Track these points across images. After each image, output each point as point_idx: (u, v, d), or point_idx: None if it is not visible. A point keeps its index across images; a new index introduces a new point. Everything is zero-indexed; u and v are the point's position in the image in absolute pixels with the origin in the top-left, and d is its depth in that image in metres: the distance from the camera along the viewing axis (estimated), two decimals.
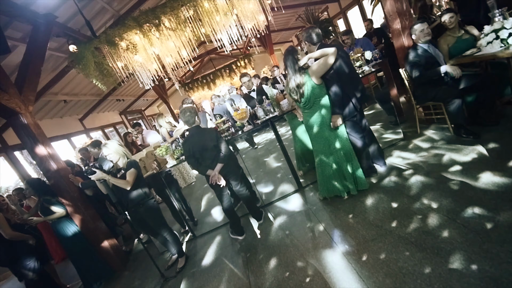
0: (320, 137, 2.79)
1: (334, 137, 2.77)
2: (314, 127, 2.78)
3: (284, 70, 3.60)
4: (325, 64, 2.55)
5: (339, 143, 2.78)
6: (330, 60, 2.51)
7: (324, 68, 2.57)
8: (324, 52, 2.52)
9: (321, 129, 2.76)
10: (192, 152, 2.89)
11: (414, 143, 3.42)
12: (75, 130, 8.67)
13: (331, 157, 2.83)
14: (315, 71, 2.59)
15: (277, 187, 3.92)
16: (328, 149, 2.81)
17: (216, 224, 3.73)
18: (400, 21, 3.45)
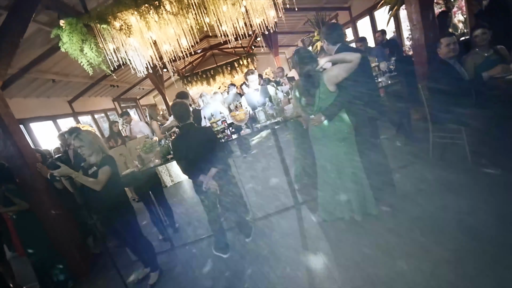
0: (328, 151, 2.39)
1: (343, 152, 2.37)
2: (322, 139, 2.38)
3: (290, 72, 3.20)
4: (345, 72, 2.15)
5: (349, 159, 2.39)
6: (351, 68, 2.12)
7: (343, 76, 2.19)
8: (346, 58, 2.11)
9: (329, 142, 2.36)
10: (185, 153, 2.45)
11: (426, 167, 3.06)
12: (62, 112, 8.10)
13: (337, 175, 2.43)
14: (332, 77, 2.19)
15: (271, 200, 3.50)
16: (335, 166, 2.41)
17: (199, 234, 3.29)
18: (425, 33, 3.08)
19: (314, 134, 2.41)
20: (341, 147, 2.36)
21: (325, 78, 2.20)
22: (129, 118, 5.06)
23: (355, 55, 2.10)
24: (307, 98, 2.21)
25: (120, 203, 2.47)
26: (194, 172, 2.48)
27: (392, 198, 2.70)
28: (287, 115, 3.00)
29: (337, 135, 2.33)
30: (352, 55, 2.10)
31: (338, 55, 2.15)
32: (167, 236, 3.19)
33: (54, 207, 3.09)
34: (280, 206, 3.25)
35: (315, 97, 2.21)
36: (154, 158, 3.10)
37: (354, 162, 2.41)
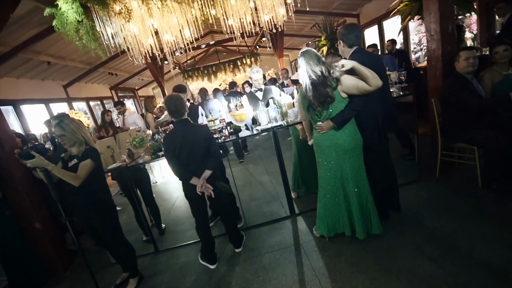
0: (332, 162, 2.17)
1: (349, 165, 2.15)
2: (327, 148, 2.15)
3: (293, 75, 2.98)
4: (358, 91, 1.95)
5: (354, 173, 2.17)
6: (366, 92, 1.94)
7: (353, 93, 1.98)
8: (369, 78, 1.90)
9: (335, 153, 2.14)
10: (178, 152, 2.21)
11: (432, 187, 2.86)
12: (56, 96, 7.77)
13: (341, 189, 2.21)
14: (348, 87, 1.97)
15: (266, 207, 3.27)
16: (339, 179, 2.19)
17: (187, 238, 3.04)
18: (442, 45, 2.88)
19: (318, 143, 2.18)
20: (347, 159, 2.14)
21: (341, 84, 1.97)
22: (123, 108, 4.79)
23: (378, 83, 1.91)
24: (316, 102, 1.98)
25: (100, 201, 2.22)
26: (185, 173, 2.24)
27: (396, 218, 2.49)
28: (290, 119, 2.78)
29: (344, 146, 2.11)
30: (376, 80, 1.90)
31: (367, 69, 1.92)
32: (152, 238, 2.94)
33: (30, 198, 2.82)
34: (275, 215, 3.03)
35: (327, 104, 1.99)
36: (144, 154, 2.85)
37: (360, 176, 2.19)
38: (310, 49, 2.02)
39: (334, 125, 2.02)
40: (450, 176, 3.00)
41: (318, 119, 2.08)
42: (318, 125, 2.09)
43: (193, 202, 2.35)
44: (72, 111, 7.25)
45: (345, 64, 1.94)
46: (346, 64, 1.93)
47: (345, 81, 1.95)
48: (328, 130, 2.07)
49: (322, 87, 1.94)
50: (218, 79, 10.81)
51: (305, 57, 1.99)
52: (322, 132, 2.09)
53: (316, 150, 2.24)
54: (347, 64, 1.93)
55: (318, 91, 1.95)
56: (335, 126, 2.03)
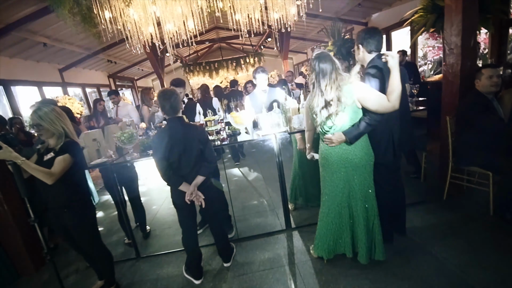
0: (339, 177, 1.94)
1: (359, 182, 1.92)
2: (335, 163, 1.92)
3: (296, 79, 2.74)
4: (374, 107, 1.75)
5: (363, 191, 1.94)
6: (383, 109, 1.74)
7: (367, 107, 1.76)
8: (394, 93, 1.72)
9: (343, 168, 1.91)
10: (168, 153, 1.96)
11: (440, 212, 2.64)
12: (50, 80, 7.43)
13: (347, 208, 1.98)
14: (365, 98, 1.75)
15: (259, 218, 3.03)
16: (346, 197, 1.96)
17: (172, 244, 2.79)
18: (462, 60, 2.67)
19: (326, 156, 1.95)
20: (356, 176, 1.91)
21: (356, 93, 1.75)
22: (118, 98, 4.51)
23: (397, 103, 1.72)
24: (329, 111, 1.74)
25: (76, 202, 1.95)
26: (175, 178, 1.99)
27: (401, 242, 2.27)
28: (294, 126, 2.54)
29: (354, 161, 1.88)
30: (398, 99, 1.71)
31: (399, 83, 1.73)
32: (134, 243, 2.68)
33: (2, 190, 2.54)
34: (269, 228, 2.79)
35: (338, 111, 1.75)
36: (132, 151, 2.59)
37: (369, 195, 1.96)
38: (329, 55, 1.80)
39: (346, 139, 1.79)
40: (458, 200, 2.79)
41: (328, 129, 1.84)
42: (327, 137, 1.85)
43: (181, 211, 2.10)
44: (66, 96, 6.92)
45: (393, 56, 1.73)
46: (394, 57, 1.73)
47: (363, 93, 1.73)
48: (338, 143, 1.84)
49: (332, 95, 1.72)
50: (220, 76, 10.55)
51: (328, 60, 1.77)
52: (331, 145, 1.86)
53: (322, 164, 2.01)
54: (395, 58, 1.73)
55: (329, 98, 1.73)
56: (347, 140, 1.80)
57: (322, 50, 1.78)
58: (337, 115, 1.76)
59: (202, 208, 2.07)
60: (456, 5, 2.65)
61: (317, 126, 1.89)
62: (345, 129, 1.82)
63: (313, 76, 1.77)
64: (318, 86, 1.75)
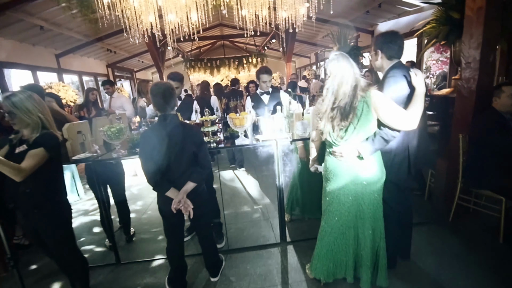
0: (346, 194, 1.73)
1: (368, 201, 1.72)
2: (342, 177, 1.71)
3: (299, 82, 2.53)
4: (391, 122, 1.57)
5: (372, 211, 1.74)
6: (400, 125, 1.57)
7: (393, 123, 1.57)
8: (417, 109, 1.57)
9: (353, 185, 1.70)
10: (156, 154, 1.72)
11: (446, 235, 2.45)
12: (46, 65, 7.13)
13: (352, 229, 1.77)
14: (382, 110, 1.55)
15: (253, 228, 2.81)
16: (352, 216, 1.75)
17: (158, 251, 2.55)
18: (479, 75, 2.49)
19: (333, 170, 1.74)
20: (366, 194, 1.71)
21: (374, 101, 1.54)
22: (112, 88, 4.25)
23: (416, 122, 1.56)
24: (342, 119, 1.53)
25: (50, 201, 1.71)
26: (162, 182, 1.76)
27: (405, 267, 2.08)
28: (298, 132, 2.33)
29: (366, 178, 1.67)
30: (417, 119, 1.56)
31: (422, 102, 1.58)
32: (114, 247, 2.44)
33: None
34: (262, 240, 2.58)
35: (351, 120, 1.54)
36: (119, 147, 2.35)
37: (377, 216, 1.76)
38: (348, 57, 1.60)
39: (359, 153, 1.59)
40: (465, 223, 2.61)
41: (338, 141, 1.63)
42: (337, 150, 1.64)
43: (167, 219, 1.87)
44: (60, 83, 6.63)
45: (418, 73, 1.58)
46: (419, 74, 1.59)
47: (381, 103, 1.53)
48: (351, 157, 1.63)
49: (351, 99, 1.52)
50: (221, 74, 10.31)
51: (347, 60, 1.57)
52: (340, 159, 1.66)
53: (327, 178, 1.80)
54: (419, 76, 1.60)
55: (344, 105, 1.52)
56: (360, 155, 1.59)
57: (340, 52, 1.57)
58: (349, 124, 1.55)
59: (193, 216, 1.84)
60: (478, 17, 2.47)
61: (325, 135, 1.68)
62: (356, 141, 1.61)
63: (329, 79, 1.56)
64: (333, 90, 1.54)
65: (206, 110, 2.32)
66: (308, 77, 8.68)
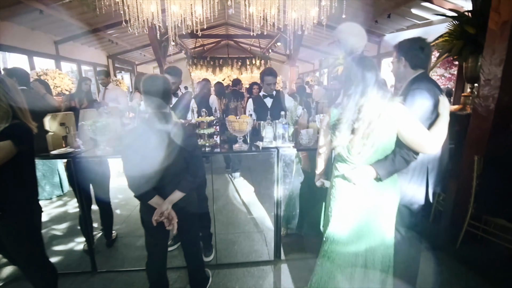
0: (356, 217, 1.50)
1: (380, 226, 1.50)
2: (352, 196, 1.49)
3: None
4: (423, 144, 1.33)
5: (382, 238, 1.52)
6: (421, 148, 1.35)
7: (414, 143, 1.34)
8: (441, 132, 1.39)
9: (364, 208, 1.48)
10: (142, 156, 1.49)
11: (454, 263, 2.25)
12: (43, 51, 6.85)
13: (359, 256, 1.55)
14: (404, 127, 1.32)
15: (245, 241, 2.57)
16: (361, 241, 1.53)
17: (141, 259, 2.31)
18: (500, 93, 2.29)
19: (341, 188, 1.51)
20: (377, 218, 1.49)
21: (401, 118, 1.32)
22: (107, 80, 4.00)
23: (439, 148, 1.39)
24: (364, 132, 1.30)
25: (16, 203, 1.48)
26: (145, 188, 1.52)
27: None
28: (302, 142, 2.12)
29: (381, 201, 1.46)
30: (440, 144, 1.38)
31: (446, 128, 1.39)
32: (90, 253, 2.19)
33: None
34: (255, 255, 2.35)
35: (366, 138, 1.32)
36: (105, 144, 2.11)
37: (388, 243, 1.54)
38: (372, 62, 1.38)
39: (377, 175, 1.37)
40: (473, 252, 2.40)
41: (352, 159, 1.40)
42: (350, 173, 1.41)
43: (150, 231, 1.63)
44: (57, 70, 6.36)
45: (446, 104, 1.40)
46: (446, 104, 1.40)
47: (409, 121, 1.31)
48: (368, 181, 1.41)
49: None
50: (223, 74, 10.09)
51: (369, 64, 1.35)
52: (354, 182, 1.42)
53: (335, 196, 1.57)
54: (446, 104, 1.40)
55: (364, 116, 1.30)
56: (378, 176, 1.37)
57: (364, 55, 1.36)
58: (368, 138, 1.32)
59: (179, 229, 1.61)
60: (502, 31, 2.27)
61: (339, 149, 1.44)
62: (372, 159, 1.39)
63: (350, 86, 1.34)
64: (356, 99, 1.32)
65: (203, 110, 2.09)
66: (311, 83, 8.49)
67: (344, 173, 1.43)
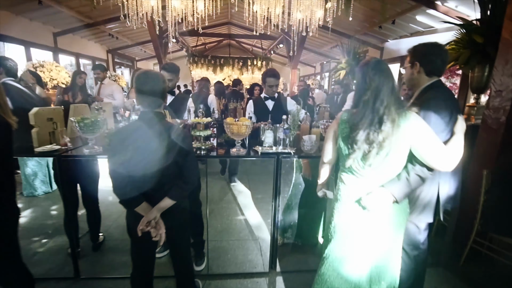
0: (361, 234, 1.36)
1: (387, 246, 1.36)
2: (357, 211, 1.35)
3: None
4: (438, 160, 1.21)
5: (389, 259, 1.39)
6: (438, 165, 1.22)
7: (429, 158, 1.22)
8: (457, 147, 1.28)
9: (368, 221, 1.34)
10: (129, 158, 1.34)
11: (457, 282, 2.12)
12: (41, 42, 6.67)
13: (363, 276, 1.42)
14: (420, 140, 1.20)
15: (239, 250, 2.42)
16: (365, 260, 1.40)
17: (127, 267, 2.16)
18: None
19: (346, 201, 1.37)
20: (385, 237, 1.36)
21: (417, 130, 1.19)
22: (103, 74, 3.84)
23: (454, 165, 1.22)
24: (380, 143, 1.19)
25: None
26: (132, 193, 1.38)
27: None
28: (304, 149, 1.98)
29: (389, 219, 1.32)
30: (455, 162, 1.23)
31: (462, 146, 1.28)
32: (73, 258, 2.04)
33: None
34: (249, 266, 2.21)
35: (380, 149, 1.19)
36: (93, 142, 1.97)
37: (394, 264, 1.42)
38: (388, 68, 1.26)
39: (395, 199, 1.23)
40: (478, 270, 2.28)
41: (365, 168, 1.25)
42: (367, 201, 1.27)
43: (136, 240, 1.48)
44: (53, 63, 6.19)
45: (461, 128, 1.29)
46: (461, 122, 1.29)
47: (425, 134, 1.18)
48: (381, 207, 1.28)
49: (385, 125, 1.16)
50: (223, 73, 9.96)
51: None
52: (370, 209, 1.29)
53: (338, 211, 1.42)
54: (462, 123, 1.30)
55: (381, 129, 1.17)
56: (395, 200, 1.24)
57: (378, 58, 1.24)
58: (383, 150, 1.19)
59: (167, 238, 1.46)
60: None
61: (350, 161, 1.30)
62: (382, 172, 1.25)
63: (366, 91, 1.20)
64: (371, 106, 1.19)
65: (200, 110, 1.96)
66: (312, 86, 8.38)
67: (361, 201, 1.29)
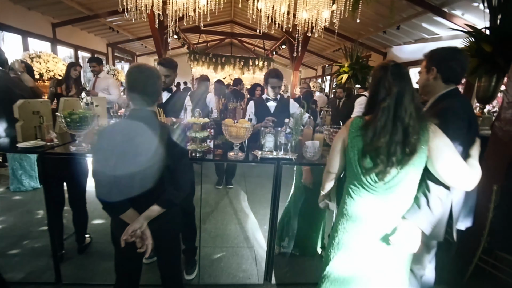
0: (367, 253, 1.24)
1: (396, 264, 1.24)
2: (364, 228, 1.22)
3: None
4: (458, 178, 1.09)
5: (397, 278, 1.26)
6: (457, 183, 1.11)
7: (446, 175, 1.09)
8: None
9: (376, 239, 1.21)
10: (116, 159, 1.20)
11: None
12: (39, 32, 6.50)
13: None
14: (439, 154, 1.07)
15: (233, 259, 2.28)
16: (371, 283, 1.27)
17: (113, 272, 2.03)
18: None
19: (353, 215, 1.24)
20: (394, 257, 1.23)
21: (438, 143, 1.07)
22: (99, 67, 3.68)
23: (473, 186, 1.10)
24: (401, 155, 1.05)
25: None
26: (117, 199, 1.24)
27: None
28: (307, 155, 1.86)
29: (392, 234, 1.20)
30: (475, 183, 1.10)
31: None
32: (55, 262, 1.90)
33: None
34: (243, 277, 2.07)
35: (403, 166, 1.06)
36: (81, 139, 1.83)
37: (402, 283, 1.29)
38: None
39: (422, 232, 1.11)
40: (481, 287, 2.17)
41: (374, 184, 1.13)
42: (395, 240, 1.14)
43: (120, 250, 1.34)
44: (51, 54, 6.02)
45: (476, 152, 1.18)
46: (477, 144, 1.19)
47: (445, 147, 1.05)
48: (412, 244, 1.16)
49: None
50: (224, 72, 9.82)
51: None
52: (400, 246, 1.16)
53: (343, 227, 1.29)
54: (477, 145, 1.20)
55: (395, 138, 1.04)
56: (424, 231, 1.12)
57: (396, 62, 1.11)
58: (403, 165, 1.06)
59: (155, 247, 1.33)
60: None
61: (360, 173, 1.17)
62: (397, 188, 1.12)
63: (385, 97, 1.07)
64: (394, 114, 1.06)
65: (197, 110, 1.83)
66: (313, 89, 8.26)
67: (389, 240, 1.16)
